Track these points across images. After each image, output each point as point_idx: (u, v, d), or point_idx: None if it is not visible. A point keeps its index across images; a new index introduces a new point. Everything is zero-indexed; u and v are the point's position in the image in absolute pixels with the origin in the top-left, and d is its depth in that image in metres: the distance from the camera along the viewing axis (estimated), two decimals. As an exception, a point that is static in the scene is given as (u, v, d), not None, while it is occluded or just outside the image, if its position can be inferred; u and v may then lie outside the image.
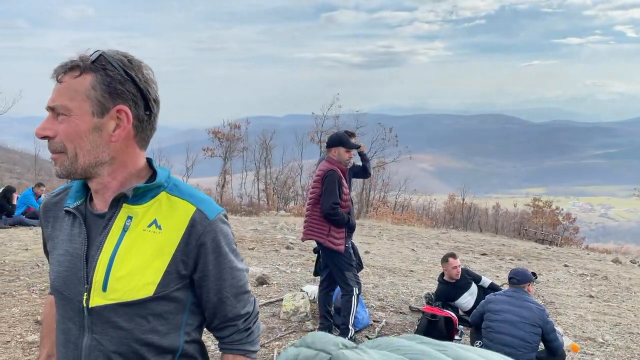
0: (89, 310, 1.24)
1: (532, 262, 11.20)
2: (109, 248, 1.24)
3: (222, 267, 1.30)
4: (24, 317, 5.12)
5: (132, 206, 1.26)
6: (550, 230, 30.74)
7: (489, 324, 4.30)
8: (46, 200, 1.41)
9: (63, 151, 1.21)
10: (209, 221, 1.27)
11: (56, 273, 1.31)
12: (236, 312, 1.36)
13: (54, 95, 1.21)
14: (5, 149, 65.54)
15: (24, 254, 8.04)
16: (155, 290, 1.23)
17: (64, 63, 1.21)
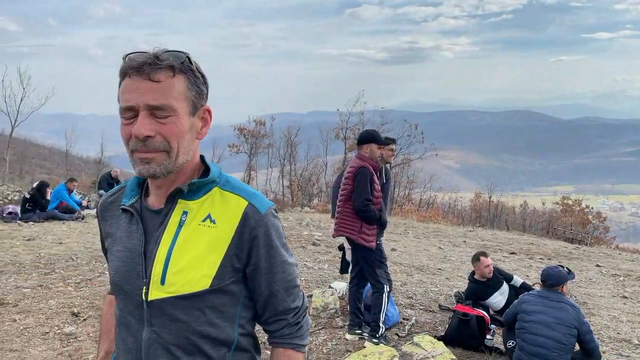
0: (148, 303, 1.28)
1: (562, 261, 10.98)
2: (166, 243, 1.28)
3: (273, 260, 1.33)
4: (60, 310, 5.25)
5: (187, 202, 1.30)
6: (580, 230, 30.11)
7: (522, 325, 4.24)
8: (103, 201, 1.46)
9: (165, 150, 1.22)
10: (260, 215, 1.30)
11: (115, 268, 1.35)
12: (286, 305, 1.39)
13: (153, 94, 1.19)
14: (36, 145, 67.17)
15: (58, 247, 8.24)
16: (211, 283, 1.26)
17: (151, 61, 1.19)
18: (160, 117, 1.21)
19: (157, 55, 1.20)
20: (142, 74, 1.19)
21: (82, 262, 7.30)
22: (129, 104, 1.20)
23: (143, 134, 1.19)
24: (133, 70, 1.20)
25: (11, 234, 9.24)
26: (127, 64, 1.21)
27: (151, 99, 1.19)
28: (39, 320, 4.92)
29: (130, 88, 1.20)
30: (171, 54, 1.23)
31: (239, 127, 23.72)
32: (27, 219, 10.83)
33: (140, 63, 1.19)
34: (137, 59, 1.20)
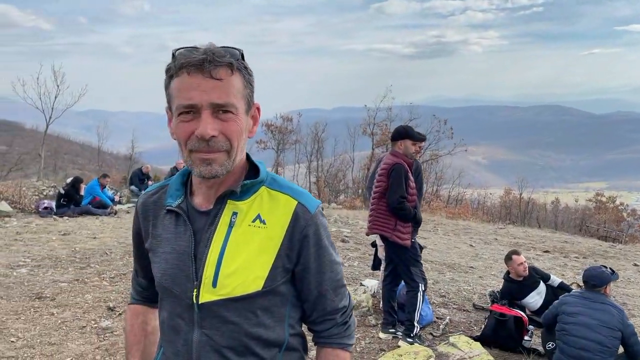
0: (199, 306, 1.26)
1: (598, 260, 10.70)
2: (217, 245, 1.25)
3: (322, 260, 1.32)
4: (96, 304, 5.33)
5: (237, 202, 1.27)
6: (614, 227, 29.32)
7: (563, 327, 4.11)
8: (144, 200, 1.41)
9: (226, 150, 1.20)
10: (310, 214, 1.28)
11: (163, 271, 1.32)
12: (334, 305, 1.37)
13: (216, 92, 1.16)
14: (68, 141, 68.81)
15: (92, 242, 8.39)
16: (264, 284, 1.25)
17: (210, 58, 1.15)
18: (222, 116, 1.18)
19: (214, 52, 1.16)
20: (203, 71, 1.15)
21: (116, 257, 7.41)
22: (191, 102, 1.16)
23: (209, 133, 1.15)
24: (193, 67, 1.15)
25: (47, 229, 9.45)
26: (185, 60, 1.16)
27: (216, 97, 1.16)
28: (76, 314, 5.00)
29: (191, 85, 1.16)
30: (227, 51, 1.19)
31: (267, 123, 23.82)
32: (61, 213, 11.07)
33: (200, 60, 1.14)
34: (195, 55, 1.15)
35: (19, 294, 5.49)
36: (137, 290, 1.56)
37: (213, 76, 1.15)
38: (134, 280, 1.57)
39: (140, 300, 1.55)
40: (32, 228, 9.43)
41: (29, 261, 6.91)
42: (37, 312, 5.01)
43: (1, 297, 5.35)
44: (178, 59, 1.18)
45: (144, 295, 1.54)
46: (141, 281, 1.53)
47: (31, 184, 14.41)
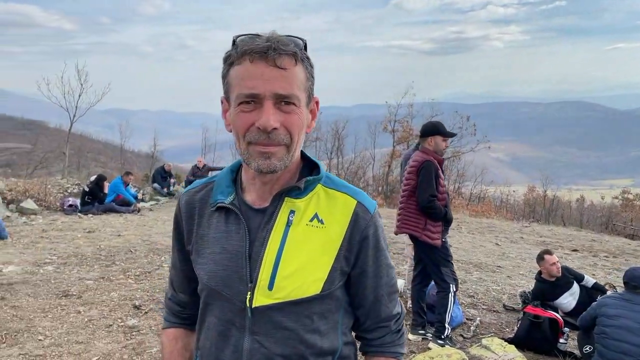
0: (252, 310, 1.17)
1: (629, 259, 10.41)
2: (274, 245, 1.17)
3: (379, 263, 1.25)
4: (122, 302, 5.32)
5: (294, 200, 1.20)
6: (641, 225, 28.58)
7: (603, 330, 3.95)
8: (188, 198, 1.32)
9: (286, 144, 1.13)
10: (370, 215, 1.22)
11: (212, 272, 1.22)
12: (389, 312, 1.31)
13: (280, 82, 1.09)
14: (91, 139, 69.86)
15: (117, 239, 8.43)
16: (322, 287, 1.17)
17: (275, 46, 1.08)
18: (284, 107, 1.11)
19: (278, 40, 1.09)
20: (267, 59, 1.08)
21: (141, 255, 7.42)
22: (254, 91, 1.09)
23: (272, 125, 1.08)
24: (256, 55, 1.08)
25: (72, 226, 9.53)
26: (248, 47, 1.09)
27: (280, 87, 1.09)
28: (102, 313, 4.99)
29: (254, 74, 1.09)
30: (291, 40, 1.12)
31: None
32: (86, 211, 11.17)
33: (264, 47, 1.07)
34: (258, 42, 1.08)
35: (45, 292, 5.51)
36: (175, 312, 1.44)
37: (277, 65, 1.08)
38: (171, 301, 1.45)
39: (178, 324, 1.43)
40: (58, 225, 9.52)
41: (55, 259, 6.95)
42: (63, 310, 5.01)
43: (28, 295, 5.37)
44: (240, 45, 1.11)
45: (184, 317, 1.43)
46: (180, 298, 1.42)
47: (56, 182, 14.58)
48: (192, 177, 15.18)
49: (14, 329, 4.46)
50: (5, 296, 5.28)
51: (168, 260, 7.17)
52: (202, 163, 15.53)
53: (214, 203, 1.25)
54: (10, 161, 49.07)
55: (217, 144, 28.53)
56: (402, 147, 23.06)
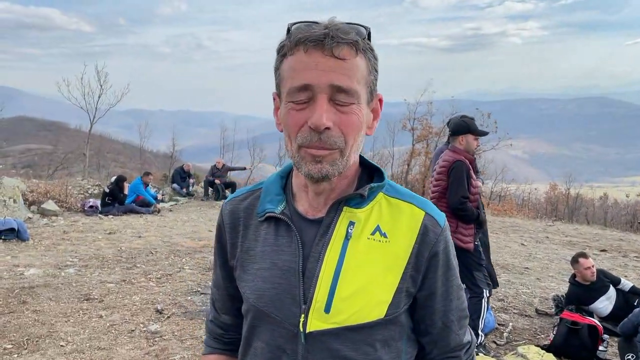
0: (305, 335, 1.02)
1: (661, 260, 10.06)
2: (331, 261, 1.02)
3: (450, 284, 1.10)
4: (144, 306, 5.23)
5: (354, 210, 1.04)
6: (668, 224, 27.88)
7: (647, 338, 3.74)
8: (232, 207, 1.18)
9: (340, 148, 0.97)
10: (440, 228, 1.07)
11: (260, 291, 1.07)
12: (459, 340, 1.13)
13: (338, 73, 0.94)
14: (110, 140, 70.68)
15: (137, 241, 8.38)
16: (387, 311, 1.02)
17: (333, 33, 0.94)
18: (341, 104, 0.96)
19: (337, 27, 0.95)
20: (323, 48, 0.94)
21: (162, 257, 7.35)
22: (306, 81, 0.94)
23: (325, 123, 0.94)
24: (312, 43, 0.94)
25: (93, 227, 9.52)
26: (303, 35, 0.95)
27: (337, 78, 0.94)
28: (124, 317, 4.91)
29: (307, 64, 0.95)
30: (352, 28, 0.97)
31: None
32: (106, 212, 11.17)
33: (321, 35, 0.94)
34: (315, 30, 0.95)
35: (67, 295, 5.45)
36: (217, 335, 1.30)
37: (335, 54, 0.94)
38: (213, 323, 1.31)
39: (219, 349, 1.29)
40: (79, 227, 9.51)
41: (76, 261, 6.91)
42: (85, 315, 4.94)
43: (50, 299, 5.31)
44: (294, 34, 0.97)
45: (226, 341, 1.29)
46: (223, 320, 1.28)
47: (76, 183, 14.65)
48: (211, 177, 15.14)
49: (35, 335, 4.39)
50: (27, 300, 5.23)
51: (189, 262, 7.09)
52: (221, 164, 15.46)
53: (262, 213, 1.10)
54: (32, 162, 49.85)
55: (235, 143, 28.51)
56: (421, 146, 22.78)
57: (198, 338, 4.49)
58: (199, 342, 4.40)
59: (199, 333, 4.59)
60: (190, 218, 11.29)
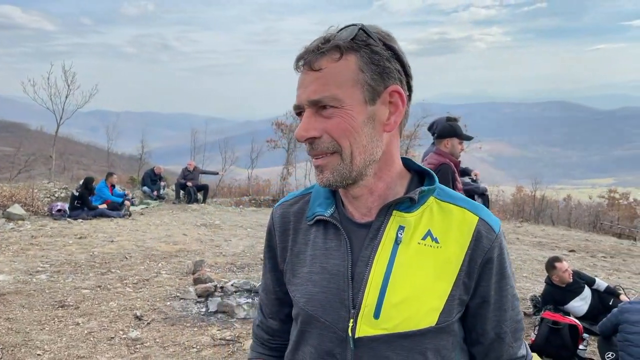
0: (354, 341, 1.00)
1: (627, 260, 10.42)
2: (380, 265, 1.01)
3: (504, 293, 1.06)
4: (122, 312, 5.09)
5: (404, 214, 1.03)
6: (628, 224, 28.91)
7: (626, 337, 3.84)
8: (283, 211, 1.18)
9: (336, 151, 0.98)
10: (495, 234, 1.03)
11: (309, 295, 1.07)
12: (512, 353, 1.10)
13: (313, 86, 0.97)
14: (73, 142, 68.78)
15: (110, 245, 8.16)
16: (438, 318, 1.00)
17: (314, 47, 0.98)
18: (324, 112, 0.98)
19: (325, 37, 0.98)
20: (306, 63, 0.99)
21: (137, 262, 7.18)
22: (296, 102, 1.01)
23: (303, 135, 0.99)
24: (301, 62, 1.00)
25: (62, 232, 9.23)
26: (298, 55, 1.01)
27: (311, 92, 0.98)
28: (102, 324, 4.77)
29: (299, 83, 1.01)
30: (343, 31, 0.99)
31: (276, 122, 23.51)
32: (75, 216, 10.85)
33: (305, 51, 0.99)
34: (307, 47, 1.00)
35: (41, 302, 5.26)
36: (263, 340, 1.29)
37: (313, 68, 0.98)
38: (260, 328, 1.30)
39: (265, 355, 1.29)
40: (47, 232, 9.21)
41: (47, 267, 6.68)
42: (61, 322, 4.78)
43: (23, 306, 5.12)
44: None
45: (272, 346, 1.28)
46: (270, 325, 1.27)
47: (42, 186, 14.21)
48: (183, 180, 14.91)
49: (10, 344, 4.22)
50: (-2, 308, 5.03)
51: (165, 267, 6.95)
52: (193, 166, 15.24)
53: (311, 216, 1.10)
54: (-8, 164, 48.10)
55: (206, 145, 28.11)
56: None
57: (181, 344, 4.40)
58: (182, 349, 4.31)
59: (181, 339, 4.50)
60: (163, 222, 11.08)
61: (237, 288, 5.79)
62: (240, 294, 5.68)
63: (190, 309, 5.31)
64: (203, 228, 10.50)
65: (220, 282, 6.01)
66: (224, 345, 4.42)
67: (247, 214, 13.62)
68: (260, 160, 26.34)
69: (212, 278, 6.10)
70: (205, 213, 12.92)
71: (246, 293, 5.70)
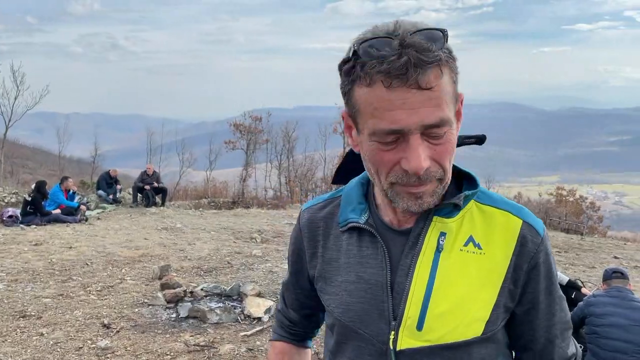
0: (396, 353, 0.97)
1: (580, 254, 10.89)
2: (422, 274, 0.97)
3: (552, 297, 1.03)
4: (89, 321, 4.91)
5: (445, 220, 0.98)
6: (575, 220, 30.21)
7: (594, 329, 3.99)
8: (311, 215, 1.13)
9: (440, 177, 0.91)
10: (540, 238, 0.99)
11: (345, 305, 1.03)
12: (563, 354, 1.07)
13: (427, 108, 0.84)
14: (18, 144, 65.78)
15: (69, 252, 7.86)
16: (484, 328, 0.96)
17: (415, 59, 0.81)
18: (435, 136, 0.87)
19: (416, 46, 0.82)
20: (407, 80, 0.81)
21: (99, 268, 6.95)
22: (394, 127, 0.85)
23: (423, 167, 0.86)
24: (395, 78, 0.82)
25: (15, 239, 8.82)
26: (379, 67, 0.82)
27: (426, 116, 0.84)
28: (68, 334, 4.59)
29: (392, 103, 0.83)
30: (429, 37, 0.84)
31: (235, 122, 23.28)
32: (28, 222, 10.38)
33: (401, 65, 0.81)
34: (390, 55, 0.82)
35: (0, 313, 5.01)
36: (284, 325, 1.29)
37: (421, 86, 0.82)
38: (281, 314, 1.30)
39: (285, 337, 1.29)
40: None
41: (3, 275, 6.37)
42: (24, 333, 4.56)
43: (-19, 318, 4.86)
44: (366, 62, 0.84)
45: (292, 331, 1.28)
46: (292, 315, 1.27)
47: (-10, 191, 13.54)
48: (140, 183, 14.52)
49: (-30, 359, 4.00)
50: (-46, 321, 4.76)
51: (130, 273, 6.76)
52: (152, 170, 14.87)
53: (344, 222, 1.05)
54: None
55: (163, 146, 27.48)
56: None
57: (154, 352, 4.28)
58: (156, 357, 4.20)
59: (153, 347, 4.38)
60: (122, 226, 10.75)
61: (207, 292, 5.70)
62: (210, 298, 5.60)
63: (160, 315, 5.18)
64: (165, 232, 10.26)
65: (189, 286, 5.89)
66: (198, 351, 4.33)
67: (209, 217, 13.41)
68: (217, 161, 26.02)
69: (180, 283, 5.97)
70: (165, 216, 12.63)
71: (217, 297, 5.62)
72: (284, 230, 11.17)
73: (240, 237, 10.13)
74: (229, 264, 7.45)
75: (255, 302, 5.32)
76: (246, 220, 12.77)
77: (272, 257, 8.01)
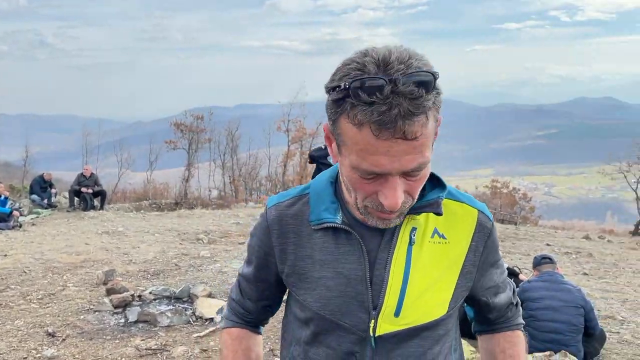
0: (375, 339, 1.07)
1: (515, 243, 11.46)
2: (398, 267, 1.07)
3: (501, 272, 1.23)
4: (32, 330, 4.72)
5: (415, 216, 1.08)
6: (509, 210, 31.69)
7: (530, 314, 4.25)
8: (279, 213, 1.15)
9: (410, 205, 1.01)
10: (491, 223, 1.16)
11: (325, 299, 1.09)
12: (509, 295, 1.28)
13: (409, 156, 0.89)
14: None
15: (4, 260, 7.48)
16: (448, 307, 1.10)
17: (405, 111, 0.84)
18: (412, 175, 0.95)
19: (412, 95, 0.84)
20: (395, 132, 0.86)
21: (38, 275, 6.66)
22: (376, 170, 0.91)
23: (399, 205, 0.95)
24: (384, 129, 0.86)
25: (-58, 249, 8.29)
26: (372, 116, 0.85)
27: (407, 163, 0.90)
28: (11, 344, 4.39)
29: (379, 149, 0.88)
30: (421, 81, 0.86)
31: (175, 122, 22.76)
32: (-44, 230, 9.78)
33: (393, 118, 0.84)
34: (382, 104, 0.84)
35: None
36: (239, 313, 1.31)
37: (407, 137, 0.87)
38: (236, 303, 1.31)
39: (241, 324, 1.31)
40: None
41: None
42: (-39, 347, 4.33)
43: None
44: (357, 107, 0.87)
45: (247, 319, 1.31)
46: (248, 305, 1.29)
47: None
48: (77, 186, 13.96)
49: None
50: None
51: (72, 279, 6.52)
52: (90, 172, 14.33)
53: (318, 221, 1.10)
54: None
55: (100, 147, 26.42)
56: (296, 147, 23.27)
57: (103, 358, 4.19)
58: (106, 363, 4.11)
59: (103, 353, 4.28)
60: (60, 231, 10.32)
61: (155, 295, 5.60)
62: (160, 301, 5.51)
63: (108, 321, 5.05)
64: (106, 236, 9.94)
65: (137, 290, 5.77)
66: (151, 355, 4.27)
67: (151, 219, 13.09)
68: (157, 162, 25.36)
69: (127, 287, 5.83)
70: (105, 220, 12.23)
71: (166, 300, 5.54)
72: (231, 230, 11.09)
73: (186, 238, 9.97)
74: (177, 266, 7.34)
75: (207, 303, 5.29)
76: (191, 222, 12.57)
77: (221, 258, 7.94)
